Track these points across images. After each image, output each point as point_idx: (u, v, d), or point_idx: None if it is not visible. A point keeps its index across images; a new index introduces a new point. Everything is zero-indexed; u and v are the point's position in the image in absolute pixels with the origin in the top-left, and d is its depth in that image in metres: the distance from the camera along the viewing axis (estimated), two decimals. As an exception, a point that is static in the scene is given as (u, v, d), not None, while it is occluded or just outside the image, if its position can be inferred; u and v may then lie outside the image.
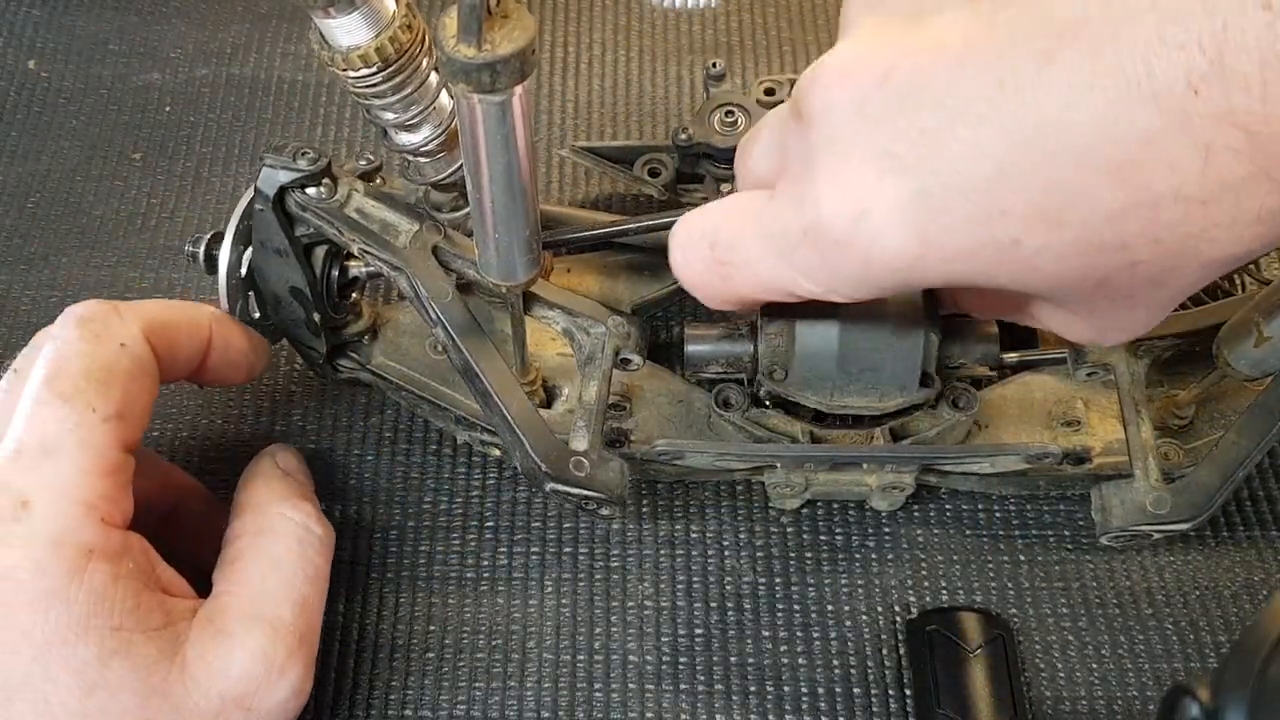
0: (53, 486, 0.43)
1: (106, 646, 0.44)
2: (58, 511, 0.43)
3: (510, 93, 0.40)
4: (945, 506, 0.61)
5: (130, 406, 0.47)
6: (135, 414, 0.47)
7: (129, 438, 0.46)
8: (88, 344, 0.46)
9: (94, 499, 0.44)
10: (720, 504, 0.62)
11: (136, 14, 0.82)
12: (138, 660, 0.44)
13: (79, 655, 0.43)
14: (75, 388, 0.45)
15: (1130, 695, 0.56)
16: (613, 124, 0.77)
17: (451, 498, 0.62)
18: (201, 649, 0.47)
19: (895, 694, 0.56)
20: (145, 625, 0.45)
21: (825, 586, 0.59)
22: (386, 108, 0.50)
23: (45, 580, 0.42)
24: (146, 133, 0.77)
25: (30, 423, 0.45)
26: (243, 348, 0.56)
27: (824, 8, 0.83)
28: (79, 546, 0.43)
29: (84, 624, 0.43)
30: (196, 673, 0.46)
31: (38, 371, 0.46)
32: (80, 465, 0.44)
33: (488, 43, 0.38)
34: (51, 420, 0.44)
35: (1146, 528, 0.54)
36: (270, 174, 0.52)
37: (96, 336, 0.47)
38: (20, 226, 0.72)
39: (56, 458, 0.44)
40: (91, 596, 0.43)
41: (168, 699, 0.45)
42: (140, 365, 0.48)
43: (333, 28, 0.45)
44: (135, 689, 0.44)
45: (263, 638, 0.48)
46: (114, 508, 0.45)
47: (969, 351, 0.59)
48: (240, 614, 0.48)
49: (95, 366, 0.46)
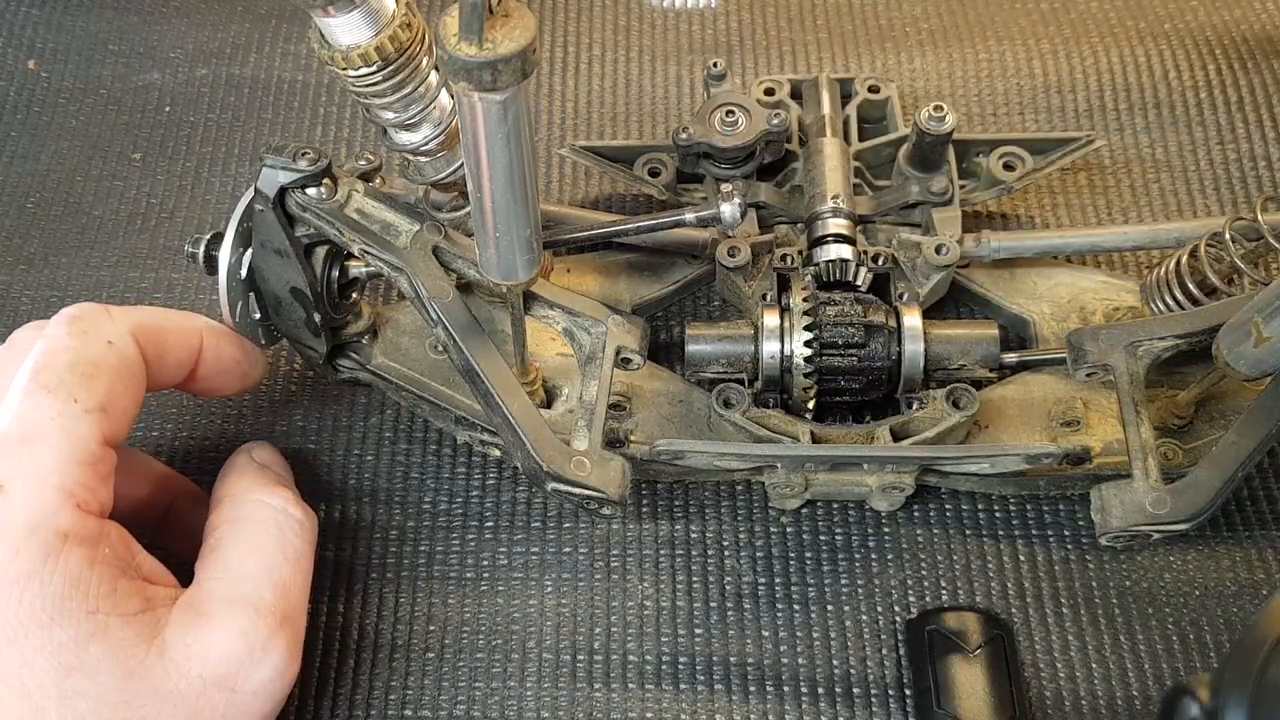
0: (31, 473, 0.44)
1: (83, 629, 0.44)
2: (35, 497, 0.44)
3: (511, 91, 0.40)
4: (945, 507, 0.61)
5: (114, 402, 0.47)
6: (119, 410, 0.48)
7: (112, 432, 0.47)
8: (75, 340, 0.47)
9: (71, 486, 0.45)
10: (720, 504, 0.62)
11: (136, 14, 0.82)
12: (115, 643, 0.45)
13: (55, 638, 0.43)
14: (60, 379, 0.46)
15: (1130, 695, 0.56)
16: (612, 124, 0.77)
17: (451, 498, 0.62)
18: (181, 632, 0.47)
19: (895, 694, 0.56)
20: (123, 609, 0.45)
21: (825, 587, 0.59)
22: (386, 107, 0.50)
23: (20, 563, 0.43)
24: (146, 133, 0.77)
25: (14, 412, 0.46)
26: (236, 357, 0.56)
27: (823, 8, 0.83)
28: (55, 531, 0.44)
29: (59, 607, 0.43)
30: (176, 655, 0.46)
31: (26, 364, 0.47)
32: (60, 453, 0.45)
33: (489, 41, 0.39)
34: (34, 410, 0.45)
35: (1146, 528, 0.54)
36: (270, 174, 0.52)
37: (85, 333, 0.48)
38: (20, 227, 0.72)
39: (36, 445, 0.45)
40: (67, 580, 0.43)
41: (147, 681, 0.45)
42: (126, 363, 0.49)
43: (333, 26, 0.45)
44: (113, 671, 0.44)
45: (243, 618, 0.48)
46: (91, 496, 0.45)
47: (969, 352, 0.59)
48: (220, 598, 0.48)
49: (80, 360, 0.47)
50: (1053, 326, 0.63)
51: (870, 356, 0.58)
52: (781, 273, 0.63)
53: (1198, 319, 0.57)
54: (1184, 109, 0.76)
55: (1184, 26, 0.81)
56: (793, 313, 0.58)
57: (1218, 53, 0.79)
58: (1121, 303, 0.63)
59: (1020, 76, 0.79)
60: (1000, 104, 0.77)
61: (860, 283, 0.61)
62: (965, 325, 0.61)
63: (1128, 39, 0.80)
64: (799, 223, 0.65)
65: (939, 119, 0.62)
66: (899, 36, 0.81)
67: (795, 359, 0.57)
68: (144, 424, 0.64)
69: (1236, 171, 0.74)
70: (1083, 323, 0.63)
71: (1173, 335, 0.57)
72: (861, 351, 0.58)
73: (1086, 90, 0.78)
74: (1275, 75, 0.78)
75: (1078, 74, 0.79)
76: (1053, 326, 0.63)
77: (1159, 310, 0.61)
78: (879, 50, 0.80)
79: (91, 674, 0.44)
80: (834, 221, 0.63)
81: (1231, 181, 0.73)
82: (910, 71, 0.79)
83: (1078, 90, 0.78)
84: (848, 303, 0.59)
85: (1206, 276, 0.59)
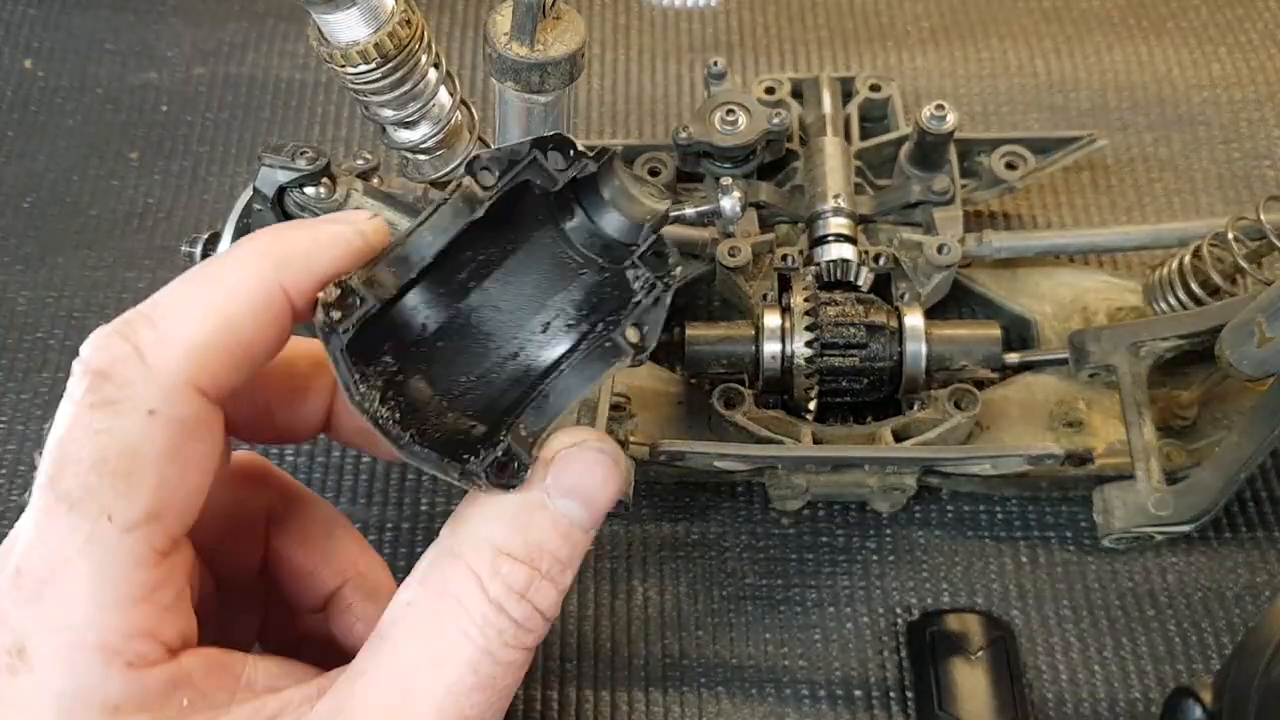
0: (57, 627, 0.32)
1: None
2: (64, 662, 0.32)
3: (557, 94, 0.40)
4: (946, 508, 0.61)
5: (170, 498, 0.33)
6: (178, 502, 0.34)
7: (170, 537, 0.34)
8: (100, 416, 0.32)
9: (116, 641, 0.32)
10: (721, 505, 0.61)
11: (133, 13, 0.82)
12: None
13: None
14: (84, 487, 0.32)
15: (1133, 697, 0.56)
16: (612, 123, 0.77)
17: (449, 499, 0.62)
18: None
19: (896, 696, 0.56)
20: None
21: (826, 588, 0.59)
22: (385, 104, 0.49)
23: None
24: (143, 132, 0.76)
25: (26, 541, 0.33)
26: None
27: (823, 6, 0.82)
28: (100, 706, 0.32)
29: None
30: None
31: (42, 463, 0.33)
32: (95, 598, 0.32)
33: (540, 44, 0.38)
34: (53, 535, 0.32)
35: (1149, 529, 0.54)
36: (269, 173, 0.52)
37: (111, 404, 0.32)
38: (16, 226, 0.72)
39: (60, 588, 0.32)
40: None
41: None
42: (184, 432, 0.33)
43: (332, 23, 0.45)
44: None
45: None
46: (150, 644, 0.33)
47: (971, 353, 0.59)
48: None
49: (109, 454, 0.32)
50: (1055, 327, 0.63)
51: (872, 357, 0.58)
52: (782, 272, 0.63)
53: (1201, 319, 0.57)
54: (1187, 107, 0.76)
55: (1187, 24, 0.81)
56: (794, 313, 0.58)
57: (1221, 51, 0.79)
58: (1124, 303, 0.63)
59: (1022, 75, 0.78)
60: (1002, 102, 0.77)
61: (862, 283, 0.61)
62: (967, 325, 0.61)
63: (1130, 37, 0.80)
64: (800, 222, 0.65)
65: (940, 118, 0.62)
66: (900, 35, 0.81)
67: (796, 359, 0.57)
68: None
69: (1240, 170, 0.73)
70: (1085, 323, 0.63)
71: (1175, 335, 0.57)
72: (863, 352, 0.57)
73: (1089, 89, 0.77)
74: (1279, 73, 0.78)
75: (1080, 72, 0.78)
76: (1055, 327, 0.63)
77: (1162, 310, 0.61)
78: (880, 49, 0.80)
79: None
80: (835, 221, 0.62)
81: (1235, 180, 0.73)
82: (912, 70, 0.79)
83: (1080, 89, 0.78)
84: (849, 303, 0.59)
85: (1209, 276, 0.59)
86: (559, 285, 0.38)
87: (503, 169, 0.34)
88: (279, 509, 0.43)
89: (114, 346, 0.32)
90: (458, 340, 0.38)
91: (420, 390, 0.36)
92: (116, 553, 0.32)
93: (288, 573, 0.43)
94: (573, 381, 0.37)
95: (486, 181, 0.34)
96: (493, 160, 0.34)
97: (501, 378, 0.38)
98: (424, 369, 0.37)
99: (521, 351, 0.38)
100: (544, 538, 0.36)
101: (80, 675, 0.32)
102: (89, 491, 0.32)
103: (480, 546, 0.35)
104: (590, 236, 0.37)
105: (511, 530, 0.36)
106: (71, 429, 0.33)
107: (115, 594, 0.32)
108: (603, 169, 0.36)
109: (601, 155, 0.36)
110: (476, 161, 0.34)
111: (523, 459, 0.36)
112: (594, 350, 0.37)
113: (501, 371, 0.38)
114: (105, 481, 0.32)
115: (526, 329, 0.38)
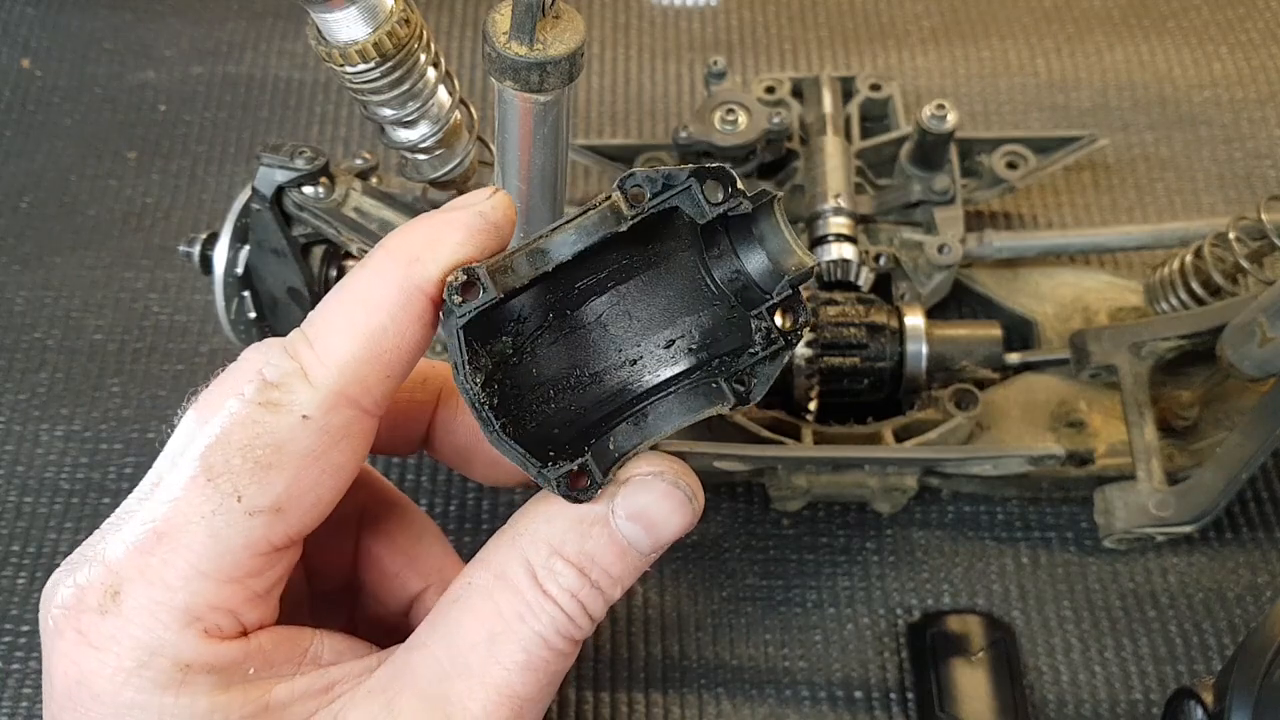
0: (153, 580, 0.34)
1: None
2: (149, 614, 0.34)
3: (556, 93, 0.40)
4: (947, 509, 0.61)
5: (298, 498, 0.36)
6: (305, 506, 0.36)
7: (288, 535, 0.36)
8: (262, 413, 0.35)
9: (200, 608, 0.35)
10: (721, 506, 0.61)
11: (131, 12, 0.82)
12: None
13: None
14: (227, 465, 0.35)
15: (1134, 698, 0.56)
16: (612, 122, 0.77)
17: (448, 500, 0.62)
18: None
19: (897, 697, 0.56)
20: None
21: (826, 589, 0.59)
22: (384, 104, 0.49)
23: (129, 693, 0.34)
24: (141, 131, 0.76)
25: (163, 489, 0.35)
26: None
27: (824, 5, 0.82)
28: (173, 661, 0.34)
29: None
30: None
31: (206, 429, 0.36)
32: (196, 565, 0.35)
33: (539, 43, 0.38)
34: (185, 498, 0.35)
35: (1150, 530, 0.54)
36: (267, 173, 0.52)
37: (274, 404, 0.35)
38: (14, 226, 0.72)
39: (172, 546, 0.35)
40: (188, 714, 0.35)
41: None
42: (325, 444, 0.36)
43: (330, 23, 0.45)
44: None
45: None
46: (229, 620, 0.35)
47: (972, 353, 0.59)
48: (419, 691, 0.36)
49: (258, 443, 0.35)
50: (1056, 327, 0.63)
51: (872, 357, 0.57)
52: (782, 272, 0.62)
53: (1202, 319, 0.57)
54: (1188, 107, 0.76)
55: (1188, 24, 0.80)
56: (794, 313, 0.57)
57: (1222, 50, 0.79)
58: (1125, 303, 0.63)
59: (1023, 74, 0.78)
60: (1003, 102, 0.77)
61: (862, 283, 0.61)
62: (968, 325, 0.61)
63: (1131, 36, 0.80)
64: (800, 222, 0.65)
65: (941, 117, 0.61)
66: (901, 34, 0.81)
67: (797, 360, 0.57)
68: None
69: (1241, 170, 0.73)
70: (1086, 323, 0.63)
71: (1177, 335, 0.57)
72: (863, 352, 0.57)
73: (1090, 88, 0.77)
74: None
75: (1081, 72, 0.78)
76: (1056, 327, 0.63)
77: (1163, 310, 0.61)
78: (881, 48, 0.80)
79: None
80: (835, 220, 0.62)
81: (1236, 180, 0.73)
82: (912, 69, 0.79)
83: (1081, 88, 0.77)
84: (849, 303, 0.58)
85: (1211, 276, 0.59)
86: (693, 308, 0.39)
87: (655, 191, 0.35)
88: (373, 510, 0.45)
89: (284, 364, 0.36)
90: (573, 338, 0.38)
91: (524, 381, 0.37)
92: (233, 531, 0.35)
93: (376, 573, 0.45)
94: (675, 408, 0.38)
95: (637, 201, 0.35)
96: (646, 180, 0.35)
97: (610, 382, 0.39)
98: (533, 361, 0.37)
99: (640, 360, 0.39)
100: (599, 551, 0.37)
101: (159, 631, 0.34)
102: (230, 471, 0.35)
103: (538, 541, 0.37)
104: (734, 274, 0.38)
105: (569, 535, 0.37)
106: (236, 417, 0.35)
107: (217, 566, 0.35)
108: (761, 210, 0.36)
109: (761, 197, 0.36)
110: (630, 179, 0.35)
111: (596, 477, 0.36)
112: (700, 385, 0.37)
113: (613, 376, 0.39)
114: (246, 466, 0.35)
115: (652, 340, 0.39)
